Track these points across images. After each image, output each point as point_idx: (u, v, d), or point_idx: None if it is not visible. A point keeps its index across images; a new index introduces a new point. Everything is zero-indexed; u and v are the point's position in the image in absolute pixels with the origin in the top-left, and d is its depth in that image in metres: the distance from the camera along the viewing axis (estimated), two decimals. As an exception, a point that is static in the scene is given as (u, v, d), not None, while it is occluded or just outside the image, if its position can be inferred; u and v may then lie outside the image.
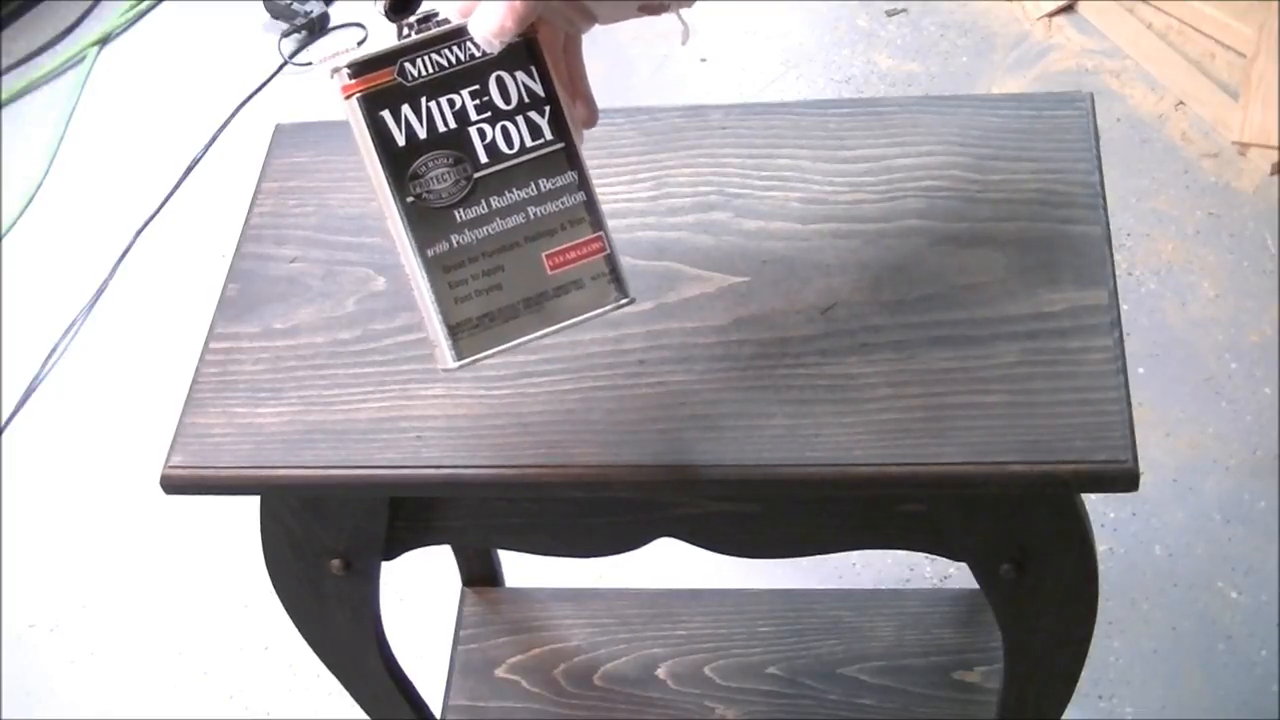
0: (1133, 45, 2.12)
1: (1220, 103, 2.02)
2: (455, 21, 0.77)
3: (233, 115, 2.26)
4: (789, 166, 0.98)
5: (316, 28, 2.37)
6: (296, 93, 2.30)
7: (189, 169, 2.20)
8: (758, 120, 1.01)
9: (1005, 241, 0.91)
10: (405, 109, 0.76)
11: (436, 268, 0.77)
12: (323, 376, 0.91)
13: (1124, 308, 0.89)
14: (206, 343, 0.94)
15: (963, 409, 0.83)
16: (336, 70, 0.76)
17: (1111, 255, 0.90)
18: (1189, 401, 1.72)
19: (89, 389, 1.95)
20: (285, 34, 2.35)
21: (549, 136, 0.78)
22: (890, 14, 2.26)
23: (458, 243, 0.77)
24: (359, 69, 0.76)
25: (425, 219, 0.77)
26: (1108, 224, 0.91)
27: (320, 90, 2.29)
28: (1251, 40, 2.03)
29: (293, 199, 1.02)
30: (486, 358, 0.78)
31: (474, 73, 0.77)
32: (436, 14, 0.78)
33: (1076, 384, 0.83)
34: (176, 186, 2.18)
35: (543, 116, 0.77)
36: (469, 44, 0.76)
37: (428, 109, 0.76)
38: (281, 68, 2.33)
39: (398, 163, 0.76)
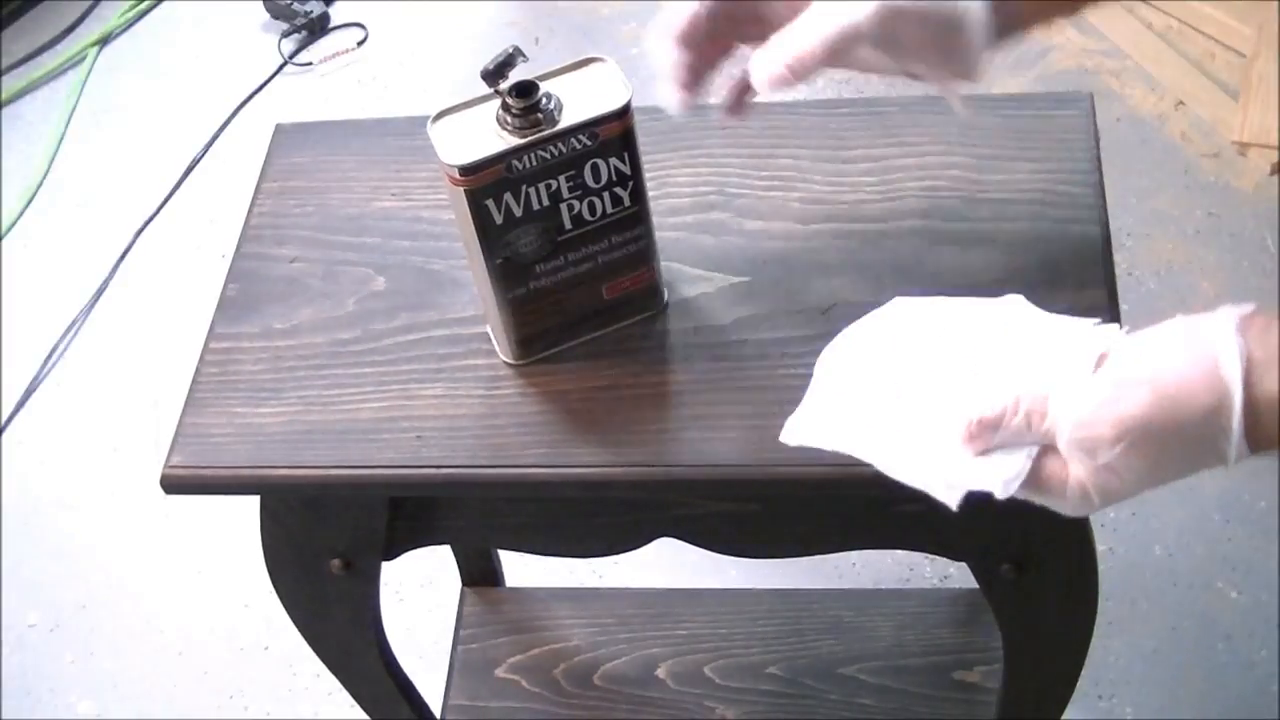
0: (1133, 45, 2.11)
1: (1220, 103, 2.01)
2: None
3: (233, 115, 2.26)
4: (789, 166, 0.98)
5: (316, 28, 2.37)
6: (296, 93, 2.30)
7: (189, 169, 2.20)
8: (758, 120, 1.01)
9: (1005, 241, 0.91)
10: (507, 195, 0.81)
11: (514, 305, 0.87)
12: (323, 376, 0.91)
13: (1124, 308, 0.89)
14: (206, 343, 0.94)
15: (963, 409, 0.83)
16: (448, 166, 0.80)
17: (1111, 255, 0.90)
18: (1189, 401, 1.71)
19: (89, 389, 1.95)
20: (285, 34, 2.35)
21: (628, 204, 0.85)
22: (890, 14, 2.25)
23: (534, 287, 0.87)
24: (469, 170, 0.80)
25: (510, 272, 0.85)
26: (1108, 224, 0.91)
27: (320, 90, 2.29)
28: (1251, 40, 2.03)
29: (293, 199, 1.02)
30: (543, 357, 0.89)
31: (573, 162, 0.82)
32: (536, 86, 0.81)
33: (1076, 384, 0.83)
34: (176, 186, 2.18)
35: (625, 189, 0.84)
36: (572, 140, 0.81)
37: (526, 193, 0.82)
38: (281, 68, 2.33)
39: (492, 234, 0.83)
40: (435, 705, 1.32)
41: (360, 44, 2.35)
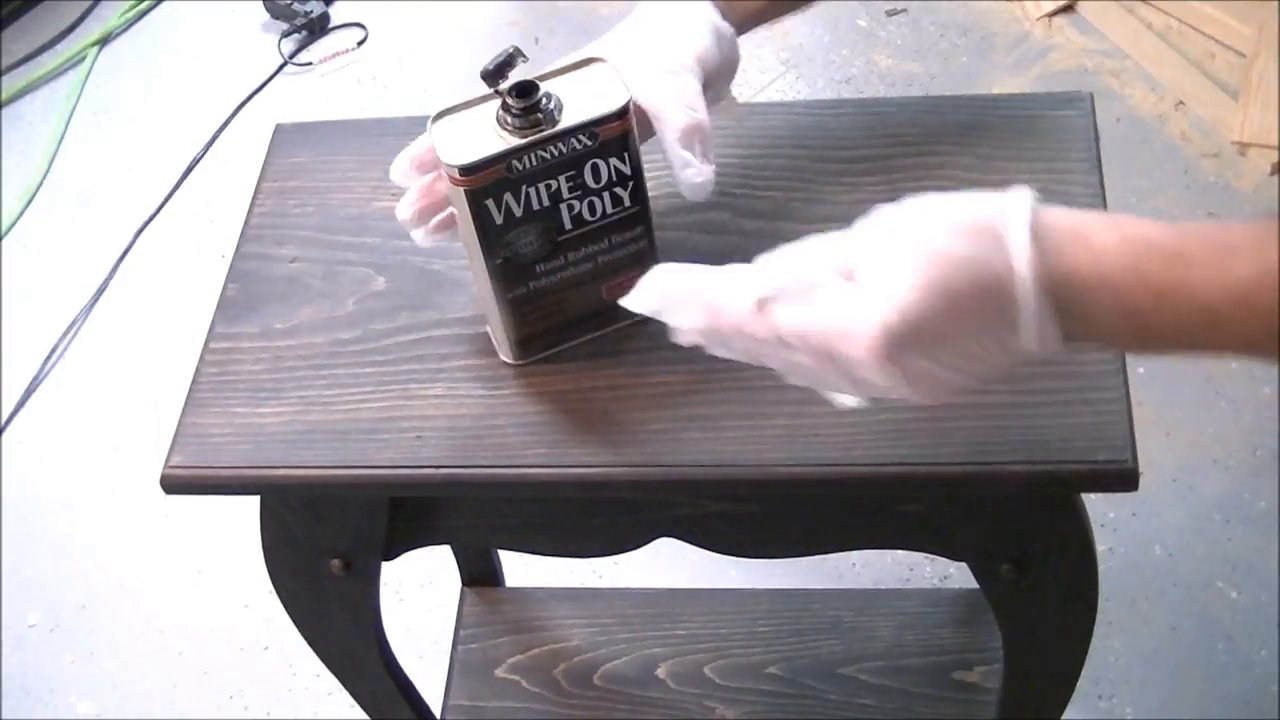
0: (1133, 45, 2.12)
1: (1220, 103, 2.01)
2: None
3: (233, 115, 2.26)
4: (789, 166, 0.98)
5: (316, 28, 2.37)
6: (296, 93, 2.30)
7: (189, 169, 2.20)
8: (758, 120, 1.01)
9: (1005, 241, 0.91)
10: (507, 195, 0.81)
11: (514, 305, 0.87)
12: (323, 376, 0.91)
13: (1124, 307, 0.89)
14: (206, 343, 0.94)
15: (962, 409, 0.83)
16: (449, 166, 0.80)
17: (1111, 255, 0.89)
18: (1189, 401, 1.72)
19: (89, 389, 1.95)
20: (285, 34, 2.35)
21: (628, 204, 0.85)
22: (890, 14, 2.26)
23: (534, 287, 0.87)
24: (469, 169, 0.80)
25: (510, 272, 0.85)
26: (1108, 224, 0.91)
27: (320, 90, 2.29)
28: (1251, 40, 2.03)
29: (293, 199, 1.02)
30: (543, 358, 0.89)
31: (573, 162, 0.82)
32: (536, 86, 0.81)
33: (1076, 384, 0.83)
34: (176, 186, 2.18)
35: (625, 190, 0.84)
36: (572, 140, 0.81)
37: (526, 193, 0.82)
38: (281, 68, 2.33)
39: (492, 234, 0.83)
40: (435, 705, 1.32)
41: (360, 44, 2.35)
